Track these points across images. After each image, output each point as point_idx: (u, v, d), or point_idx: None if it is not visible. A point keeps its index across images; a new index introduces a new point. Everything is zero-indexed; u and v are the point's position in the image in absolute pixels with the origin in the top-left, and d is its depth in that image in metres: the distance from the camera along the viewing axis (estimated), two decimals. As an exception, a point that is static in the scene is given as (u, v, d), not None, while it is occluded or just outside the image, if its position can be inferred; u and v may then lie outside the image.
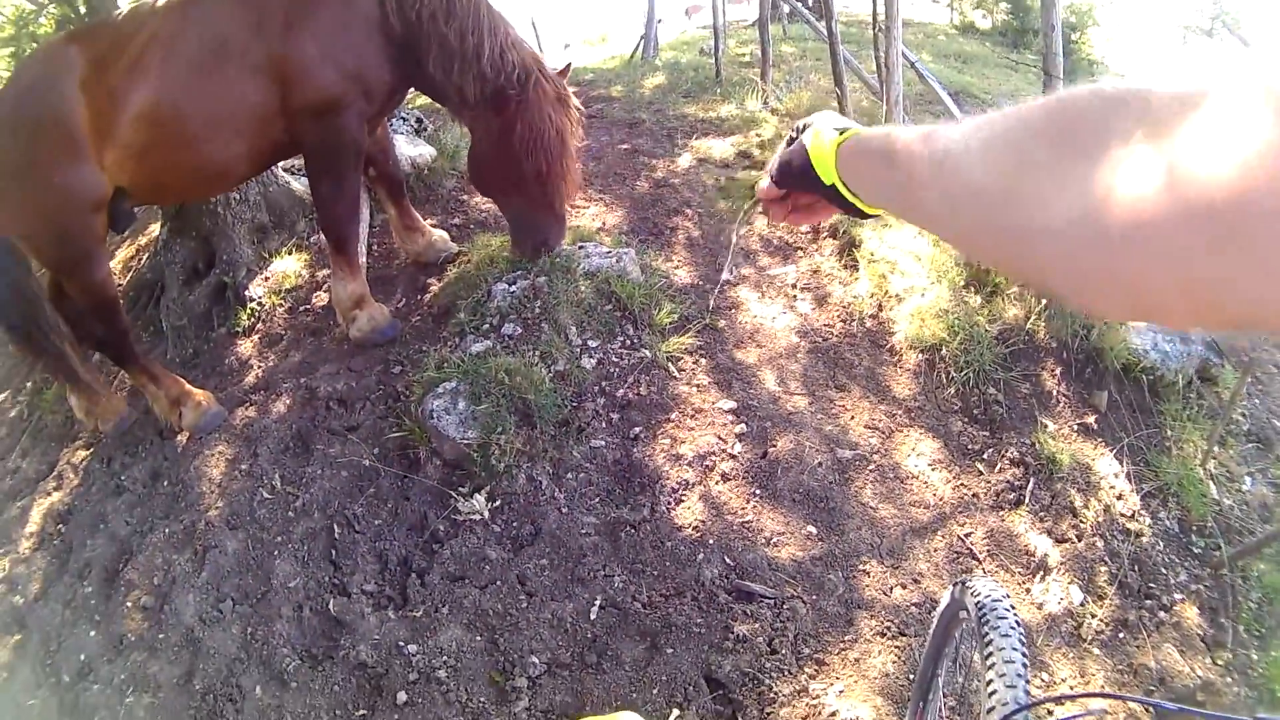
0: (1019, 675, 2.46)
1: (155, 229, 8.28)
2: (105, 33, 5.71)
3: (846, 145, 1.56)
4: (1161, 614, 4.79)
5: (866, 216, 1.64)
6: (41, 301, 6.02)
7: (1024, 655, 2.54)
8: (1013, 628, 2.63)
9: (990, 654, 2.55)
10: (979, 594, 2.82)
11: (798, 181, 1.72)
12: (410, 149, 8.53)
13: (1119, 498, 5.35)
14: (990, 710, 2.41)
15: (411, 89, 6.66)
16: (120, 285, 8.76)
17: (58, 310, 6.09)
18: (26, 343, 6.05)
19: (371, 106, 6.05)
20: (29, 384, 8.08)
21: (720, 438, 5.61)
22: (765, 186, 1.86)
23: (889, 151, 1.30)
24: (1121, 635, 4.66)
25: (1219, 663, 4.63)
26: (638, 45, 18.22)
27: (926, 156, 1.13)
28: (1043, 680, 4.40)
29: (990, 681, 2.47)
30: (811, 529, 5.06)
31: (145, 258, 8.52)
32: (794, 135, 1.76)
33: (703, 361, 6.19)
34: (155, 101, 5.42)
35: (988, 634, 2.63)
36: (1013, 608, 2.73)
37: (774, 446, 5.56)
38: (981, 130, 0.99)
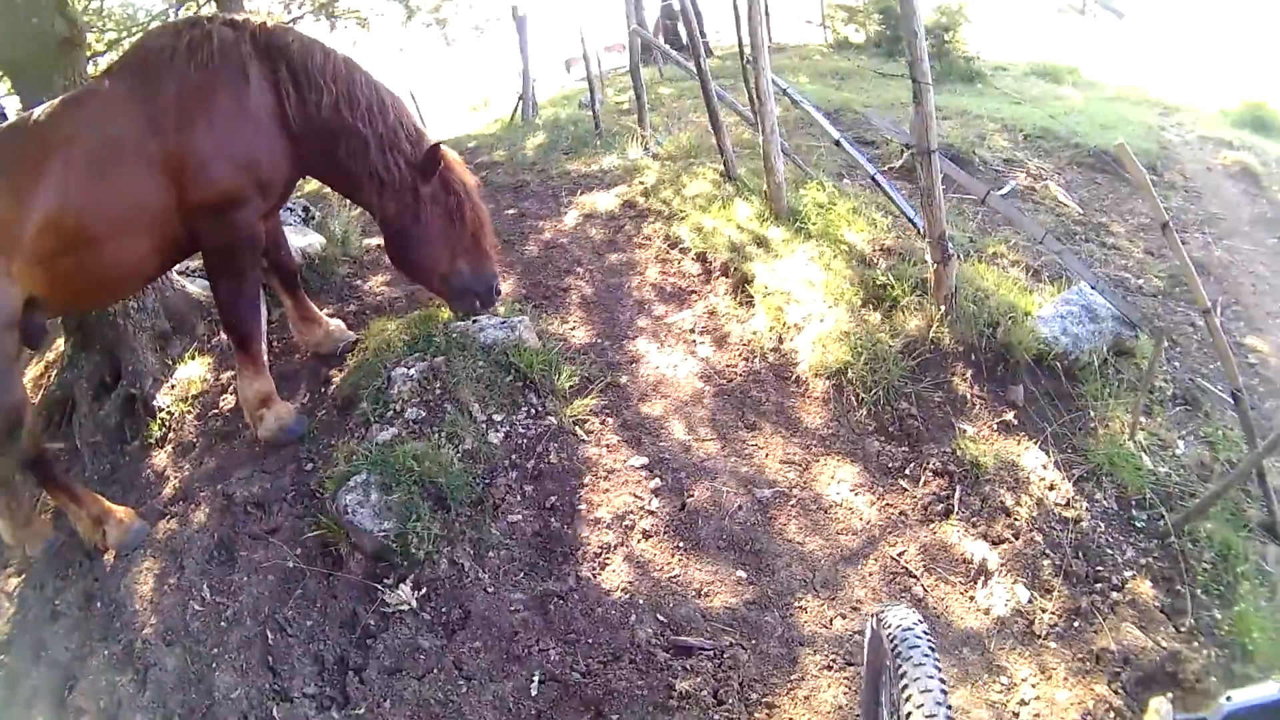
0: (938, 703, 2.53)
1: (61, 344, 8.25)
2: (5, 139, 5.73)
3: None
4: (1114, 595, 4.86)
5: None
6: None
7: (941, 680, 2.60)
8: (926, 654, 2.69)
9: (906, 685, 2.62)
10: (890, 625, 2.90)
11: None
12: (299, 239, 8.54)
13: (1050, 488, 5.44)
14: (918, 741, 2.48)
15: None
16: (33, 403, 8.75)
17: None
18: None
19: (268, 201, 6.15)
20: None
21: (636, 495, 5.70)
22: None
23: None
24: (1077, 624, 4.75)
25: (1182, 630, 4.71)
26: (516, 106, 18.47)
27: None
28: (1001, 684, 4.50)
29: (910, 714, 2.53)
30: (741, 573, 5.14)
31: (54, 374, 8.48)
32: None
33: (609, 421, 6.30)
34: (59, 206, 5.36)
35: (901, 665, 2.70)
36: (926, 633, 2.80)
37: (691, 496, 5.66)
38: None
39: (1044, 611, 4.78)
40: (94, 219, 5.51)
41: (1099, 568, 5.00)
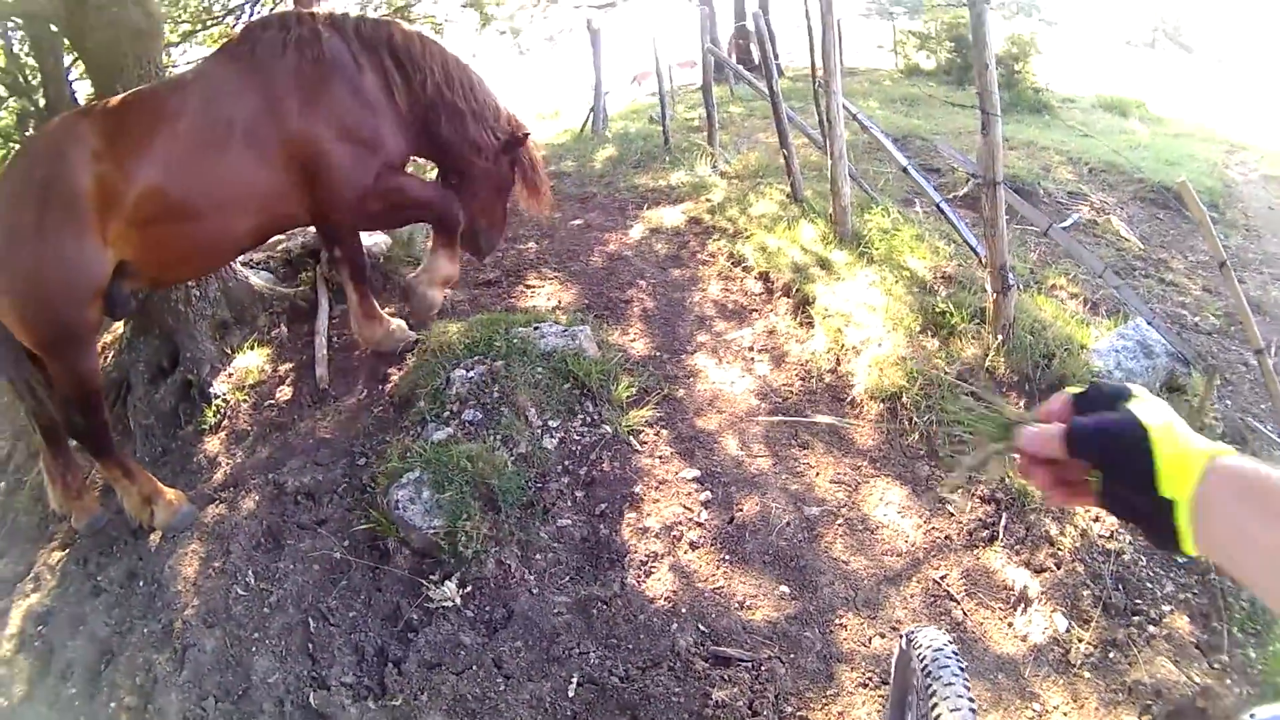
0: None
1: (120, 327, 8.29)
2: (117, 108, 5.85)
3: (1232, 469, 1.15)
4: (1151, 628, 4.78)
5: (1175, 552, 1.22)
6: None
7: (970, 701, 2.58)
8: (955, 674, 2.68)
9: (935, 705, 2.60)
10: (920, 645, 2.88)
11: (1105, 462, 1.28)
12: (366, 238, 8.43)
13: (1095, 519, 5.34)
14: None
15: None
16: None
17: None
18: (30, 394, 6.03)
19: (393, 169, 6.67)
20: (2, 484, 8.08)
21: (686, 507, 5.68)
22: (1039, 440, 1.40)
23: None
24: (1112, 655, 4.67)
25: (1215, 666, 4.63)
26: (587, 118, 18.44)
27: None
28: (1034, 710, 4.43)
29: None
30: (784, 589, 5.10)
31: (110, 356, 8.53)
32: (1099, 393, 1.41)
33: (664, 432, 6.28)
34: (164, 176, 5.61)
35: (931, 685, 2.68)
36: (956, 654, 2.78)
37: (740, 510, 5.62)
38: None
39: (1080, 641, 4.71)
40: (199, 192, 5.82)
41: (1138, 601, 4.93)
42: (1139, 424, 1.23)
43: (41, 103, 10.50)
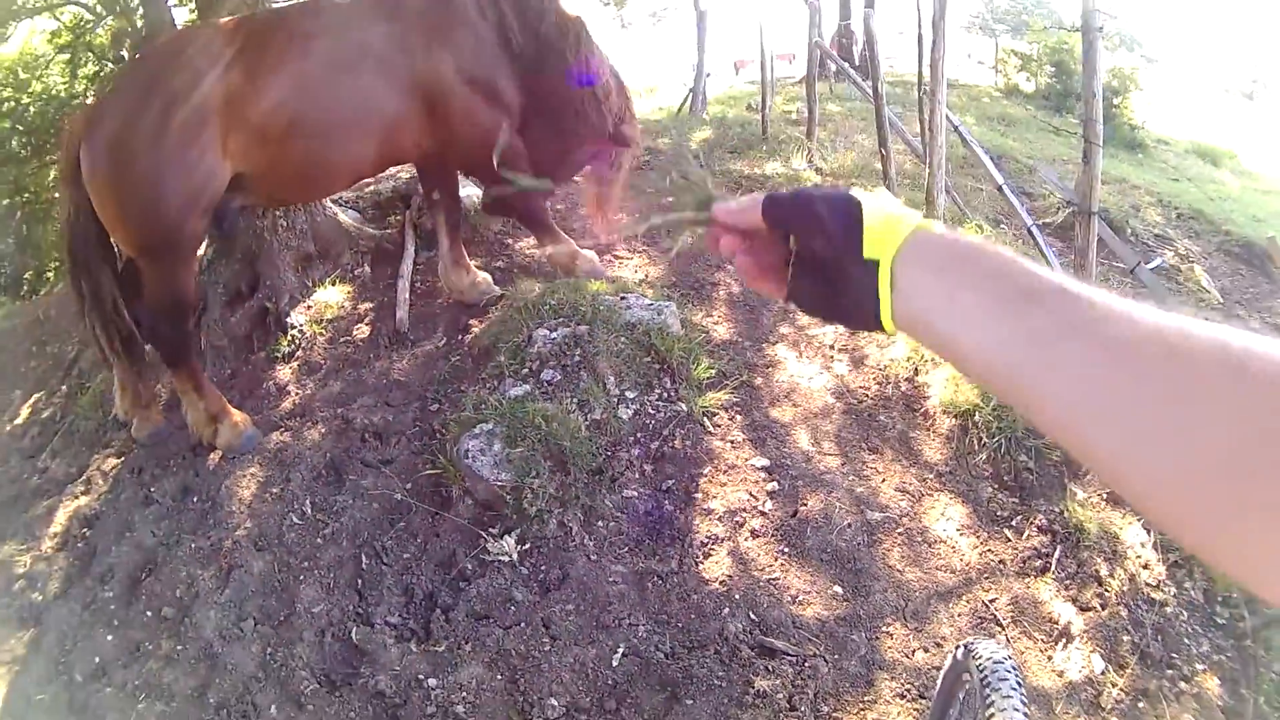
0: None
1: (201, 248, 8.34)
2: (249, 24, 5.97)
3: (936, 234, 1.12)
4: (1182, 684, 4.72)
5: (871, 329, 1.17)
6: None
7: (1026, 716, 2.55)
8: (1014, 688, 2.64)
9: (993, 715, 2.56)
10: (981, 656, 2.83)
11: (808, 225, 1.21)
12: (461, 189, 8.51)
13: (1145, 567, 5.28)
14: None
15: None
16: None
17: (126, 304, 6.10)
18: (110, 302, 6.04)
19: (512, 121, 6.77)
20: (64, 386, 8.12)
21: (752, 494, 5.62)
22: (734, 209, 1.34)
23: (1032, 279, 0.96)
24: (1141, 705, 4.61)
25: None
26: (686, 98, 18.39)
27: (1123, 325, 0.83)
28: None
29: None
30: (838, 589, 5.05)
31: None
32: (826, 189, 1.26)
33: (738, 418, 6.21)
34: (294, 93, 5.73)
35: (990, 695, 2.64)
36: (1015, 669, 2.74)
37: (804, 505, 5.57)
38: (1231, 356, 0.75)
39: (1114, 686, 4.65)
40: (326, 112, 5.93)
41: (1174, 655, 4.86)
42: (847, 193, 1.20)
43: (139, 23, 10.53)
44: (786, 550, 5.26)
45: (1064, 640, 4.90)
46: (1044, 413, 0.90)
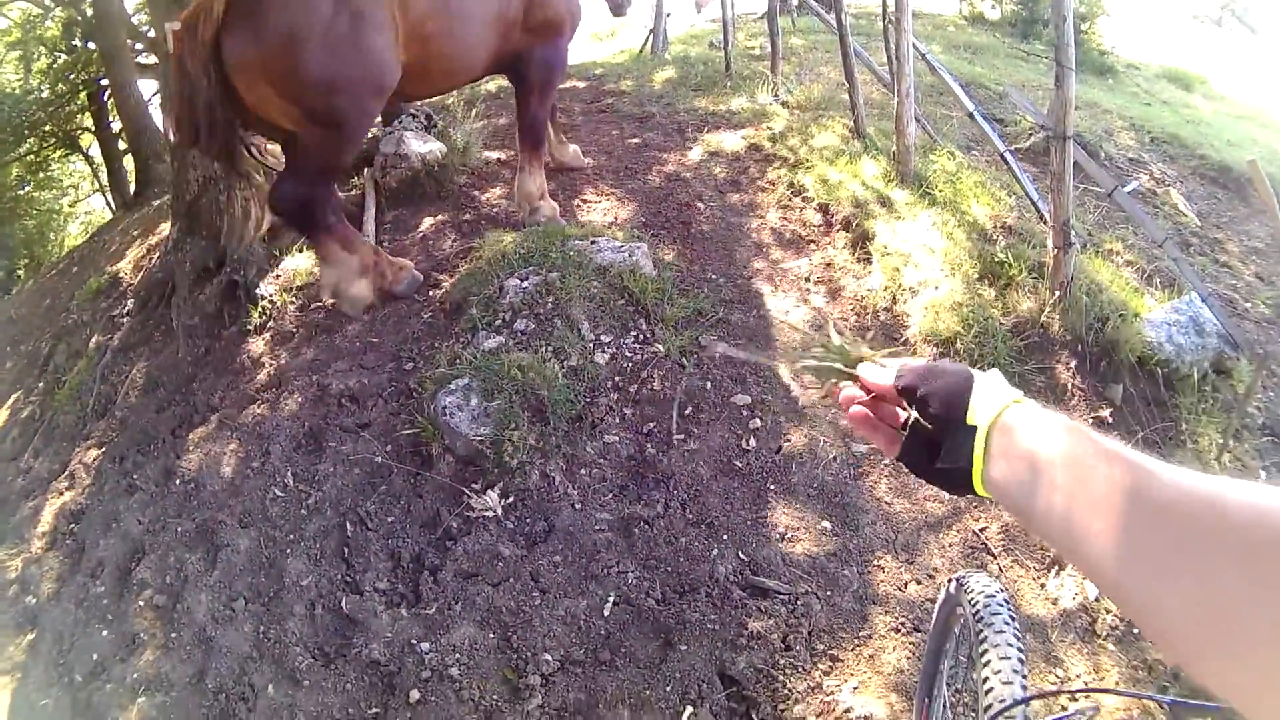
0: (1015, 671, 2.49)
1: (165, 228, 8.28)
2: None
3: (1037, 410, 1.25)
4: None
5: (965, 492, 1.31)
6: None
7: (1020, 650, 2.56)
8: (1007, 623, 2.66)
9: (985, 651, 2.58)
10: (973, 590, 2.85)
11: (926, 390, 1.37)
12: (420, 145, 8.57)
13: None
14: (988, 707, 2.42)
15: None
16: (130, 285, 8.81)
17: None
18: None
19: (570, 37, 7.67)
20: (40, 384, 8.10)
21: (734, 432, 5.60)
22: (873, 381, 1.54)
23: (1148, 483, 0.95)
24: (1136, 631, 4.61)
25: None
26: (646, 39, 18.07)
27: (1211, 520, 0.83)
28: (1057, 676, 4.38)
29: (986, 679, 2.50)
30: (826, 524, 5.04)
31: (156, 257, 8.53)
32: (949, 369, 1.40)
33: (716, 356, 6.14)
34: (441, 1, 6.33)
35: (982, 631, 2.66)
36: (1008, 602, 2.76)
37: (788, 441, 5.55)
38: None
39: (1108, 613, 4.67)
40: (462, 17, 6.53)
41: None
42: (965, 368, 1.37)
43: (89, 11, 10.49)
44: (773, 487, 5.25)
45: (1056, 568, 4.95)
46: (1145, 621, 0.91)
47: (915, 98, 8.19)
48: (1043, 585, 4.88)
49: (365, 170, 8.77)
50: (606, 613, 4.52)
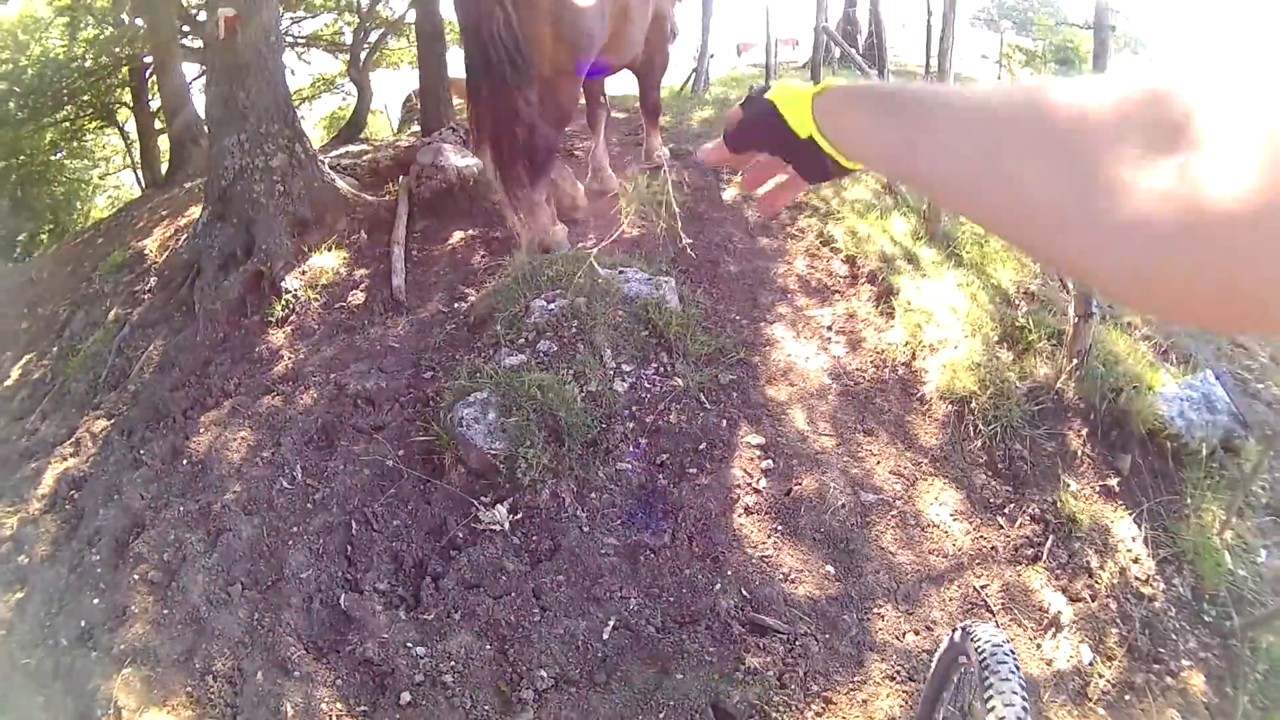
0: (1019, 719, 2.49)
1: (195, 211, 8.31)
2: None
3: (828, 94, 1.35)
4: (1168, 679, 4.76)
5: (843, 174, 1.43)
6: None
7: (1024, 700, 2.56)
8: (1012, 672, 2.66)
9: (991, 698, 2.58)
10: (980, 639, 2.86)
11: (760, 139, 1.48)
12: (458, 159, 8.67)
13: (1135, 561, 5.32)
14: (993, 752, 2.41)
15: None
16: (155, 263, 8.84)
17: None
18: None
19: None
20: (55, 349, 8.11)
21: (746, 471, 5.61)
22: (709, 148, 1.63)
23: (891, 98, 1.17)
24: (1127, 697, 4.63)
25: None
26: (689, 78, 18.29)
27: (952, 112, 1.00)
28: None
29: None
30: (830, 568, 5.06)
31: (183, 239, 8.55)
32: (749, 97, 1.53)
33: (734, 394, 6.20)
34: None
35: (989, 679, 2.66)
36: (1013, 653, 2.76)
37: (799, 485, 5.56)
38: (1035, 101, 0.88)
39: (1101, 677, 4.68)
40: (632, 17, 7.76)
41: (1161, 649, 4.89)
42: (765, 100, 1.43)
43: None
44: (780, 528, 5.26)
45: (1053, 629, 4.95)
46: (933, 192, 1.11)
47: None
48: (1039, 645, 4.89)
49: (401, 177, 8.83)
50: (605, 635, 4.52)
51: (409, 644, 4.48)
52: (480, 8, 6.37)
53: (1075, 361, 6.22)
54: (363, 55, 21.80)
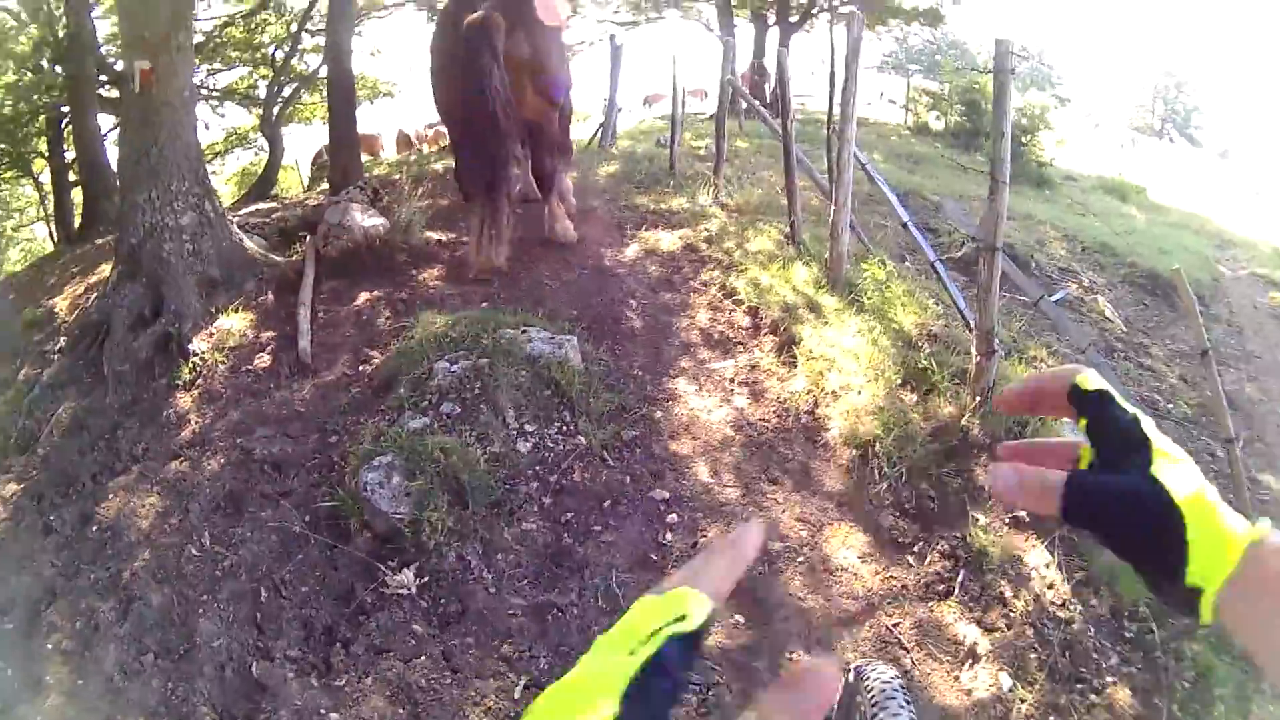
0: None
1: (106, 269, 8.30)
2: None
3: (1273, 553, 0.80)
4: (1093, 697, 4.82)
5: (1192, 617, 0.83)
6: None
7: None
8: (901, 707, 2.73)
9: None
10: (868, 678, 2.92)
11: (1118, 537, 0.87)
12: (364, 219, 8.77)
13: (1050, 587, 5.37)
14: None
15: None
16: (65, 322, 8.81)
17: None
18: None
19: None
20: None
21: (651, 526, 5.69)
22: (1031, 487, 0.89)
23: None
24: (1051, 719, 4.70)
25: None
26: (596, 132, 18.47)
27: None
28: None
29: None
30: (739, 618, 5.10)
31: (94, 298, 8.52)
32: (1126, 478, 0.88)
33: (637, 450, 6.30)
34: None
35: (878, 714, 2.72)
36: (902, 688, 2.83)
37: (705, 536, 5.63)
38: None
39: (1023, 702, 4.74)
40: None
41: (1083, 669, 4.95)
42: (1166, 497, 0.85)
43: (61, 32, 10.54)
44: (689, 581, 5.28)
45: (970, 660, 5.02)
46: None
47: (852, 206, 8.39)
48: (956, 678, 4.96)
49: (308, 237, 8.87)
50: (517, 695, 4.58)
51: (322, 710, 4.50)
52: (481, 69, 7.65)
53: (979, 399, 6.33)
54: (275, 110, 21.82)
